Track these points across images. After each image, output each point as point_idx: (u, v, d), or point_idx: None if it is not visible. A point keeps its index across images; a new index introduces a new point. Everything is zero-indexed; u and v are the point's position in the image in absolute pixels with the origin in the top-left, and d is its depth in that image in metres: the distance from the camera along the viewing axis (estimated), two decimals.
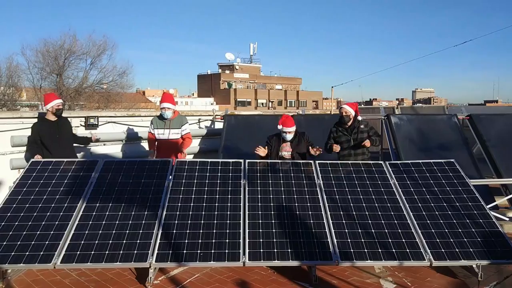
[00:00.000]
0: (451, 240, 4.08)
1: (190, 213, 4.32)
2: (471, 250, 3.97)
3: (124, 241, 3.95)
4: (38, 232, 3.99)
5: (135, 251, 3.86)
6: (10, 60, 28.44)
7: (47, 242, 3.89)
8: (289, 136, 5.38)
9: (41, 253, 3.79)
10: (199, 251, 3.90)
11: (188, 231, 4.11)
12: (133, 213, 4.28)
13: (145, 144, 7.49)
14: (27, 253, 3.78)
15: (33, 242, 3.89)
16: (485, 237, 4.12)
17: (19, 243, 3.88)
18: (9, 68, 27.86)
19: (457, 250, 3.97)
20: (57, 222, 4.11)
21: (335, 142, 5.62)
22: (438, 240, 4.07)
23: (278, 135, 5.48)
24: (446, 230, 4.19)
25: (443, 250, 3.96)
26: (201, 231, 4.11)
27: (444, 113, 10.89)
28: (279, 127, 5.38)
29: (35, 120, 6.30)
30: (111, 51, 31.86)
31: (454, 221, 4.31)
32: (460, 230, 4.19)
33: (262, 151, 5.30)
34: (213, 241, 4.01)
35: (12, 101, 27.25)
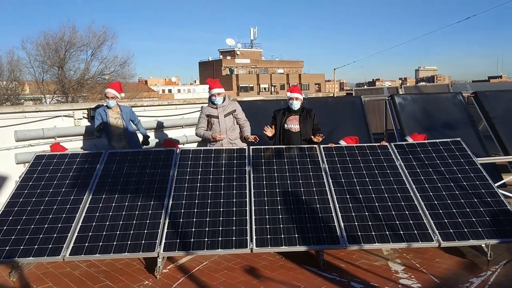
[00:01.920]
0: (459, 220, 4.06)
1: (196, 201, 4.32)
2: (479, 229, 3.95)
3: (132, 232, 3.97)
4: (45, 225, 4.02)
5: (143, 241, 3.87)
6: (11, 55, 28.59)
7: (55, 235, 3.92)
8: (296, 104, 5.26)
9: (50, 246, 3.82)
10: (206, 239, 3.91)
11: (194, 219, 4.11)
12: (139, 203, 4.28)
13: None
14: (36, 246, 3.81)
15: (41, 236, 3.91)
16: (494, 216, 4.09)
17: (27, 236, 3.90)
18: (11, 63, 27.93)
19: (465, 230, 3.95)
20: (64, 215, 4.13)
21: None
22: (446, 221, 4.05)
23: (284, 109, 5.41)
24: (454, 210, 4.17)
25: (451, 231, 3.95)
26: (207, 219, 4.12)
27: (449, 91, 10.77)
28: (288, 94, 5.32)
29: (38, 114, 6.31)
30: (111, 42, 31.91)
31: (462, 200, 4.28)
32: (468, 210, 4.16)
33: (269, 131, 5.26)
34: (220, 228, 4.01)
35: (15, 95, 27.31)
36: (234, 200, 4.34)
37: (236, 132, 5.57)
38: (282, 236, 3.94)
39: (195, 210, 4.22)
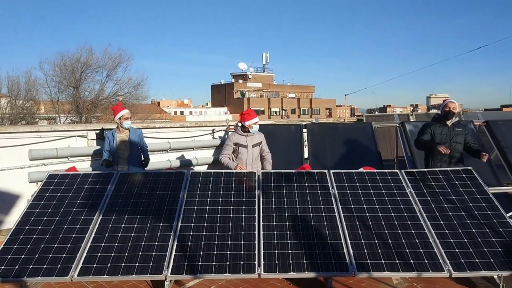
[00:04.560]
0: (471, 250, 4.00)
1: (205, 224, 4.32)
2: (491, 260, 3.88)
3: (140, 253, 3.97)
4: (55, 245, 4.04)
5: (151, 263, 3.87)
6: (28, 74, 29.16)
7: (64, 255, 3.94)
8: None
9: (59, 266, 3.83)
10: (214, 263, 3.89)
11: (203, 242, 4.11)
12: (148, 225, 4.30)
13: (163, 155, 7.53)
14: (45, 266, 3.83)
15: (50, 255, 3.93)
16: (506, 246, 4.02)
17: (37, 256, 3.93)
18: (28, 82, 28.52)
19: (477, 260, 3.88)
20: (74, 235, 4.16)
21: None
22: (457, 250, 3.99)
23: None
24: (465, 240, 4.11)
25: (462, 261, 3.88)
26: (216, 242, 4.11)
27: (460, 119, 10.72)
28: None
29: (52, 133, 6.43)
30: (126, 64, 32.43)
31: (473, 230, 4.22)
32: (479, 240, 4.10)
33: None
34: (228, 252, 4.00)
35: (31, 114, 27.81)
36: (243, 224, 4.34)
37: (259, 164, 5.61)
38: (291, 261, 3.91)
39: (204, 233, 4.22)
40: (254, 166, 5.45)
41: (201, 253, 3.99)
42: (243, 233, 4.22)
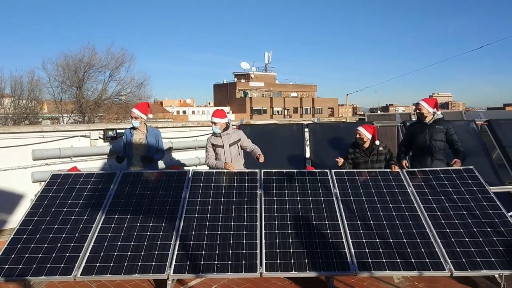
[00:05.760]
0: (472, 249, 4.01)
1: (207, 224, 4.35)
2: (493, 259, 3.89)
3: (142, 253, 4.00)
4: (58, 245, 4.07)
5: (153, 263, 3.90)
6: (31, 75, 29.27)
7: (67, 254, 3.97)
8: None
9: (62, 265, 3.87)
10: (216, 262, 3.91)
11: (205, 242, 4.13)
12: (151, 224, 4.33)
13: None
14: (48, 265, 3.86)
15: (54, 255, 3.97)
16: (507, 246, 4.03)
17: (40, 255, 3.96)
18: (31, 82, 28.62)
19: (478, 259, 3.89)
20: (77, 234, 4.19)
21: (353, 163, 5.53)
22: (458, 249, 4.00)
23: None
24: (467, 239, 4.12)
25: (463, 260, 3.89)
26: (218, 242, 4.13)
27: (462, 119, 10.72)
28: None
29: (55, 133, 6.46)
30: (129, 63, 32.54)
31: (475, 229, 4.23)
32: (481, 239, 4.11)
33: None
34: (230, 252, 4.02)
35: (34, 114, 27.92)
36: (245, 223, 4.36)
37: (240, 162, 5.60)
38: (292, 261, 3.93)
39: (206, 232, 4.24)
40: (234, 165, 5.41)
41: (203, 252, 4.01)
42: (245, 232, 4.24)
